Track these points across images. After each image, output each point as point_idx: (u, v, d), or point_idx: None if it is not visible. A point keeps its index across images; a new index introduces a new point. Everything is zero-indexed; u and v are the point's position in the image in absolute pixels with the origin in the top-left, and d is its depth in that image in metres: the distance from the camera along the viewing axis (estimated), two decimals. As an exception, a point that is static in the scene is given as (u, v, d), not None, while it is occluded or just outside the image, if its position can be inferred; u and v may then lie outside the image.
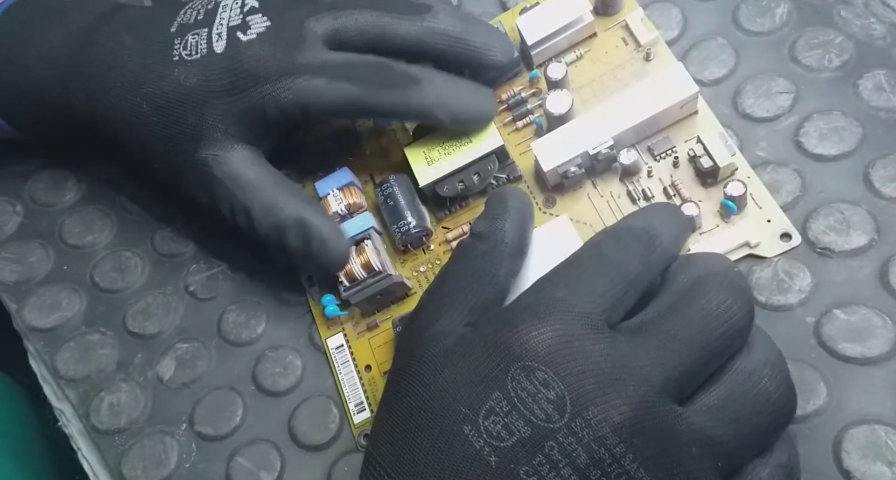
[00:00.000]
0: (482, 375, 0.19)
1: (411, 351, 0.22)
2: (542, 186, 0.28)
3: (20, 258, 0.34)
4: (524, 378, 0.19)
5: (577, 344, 0.19)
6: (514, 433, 0.18)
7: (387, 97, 0.26)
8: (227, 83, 0.27)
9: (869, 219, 0.25)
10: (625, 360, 0.19)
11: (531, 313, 0.20)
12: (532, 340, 0.19)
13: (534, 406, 0.18)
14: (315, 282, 0.30)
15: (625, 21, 0.29)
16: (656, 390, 0.19)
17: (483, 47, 0.27)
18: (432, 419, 0.19)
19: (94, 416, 0.30)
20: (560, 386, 0.18)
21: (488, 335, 0.20)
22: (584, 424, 0.18)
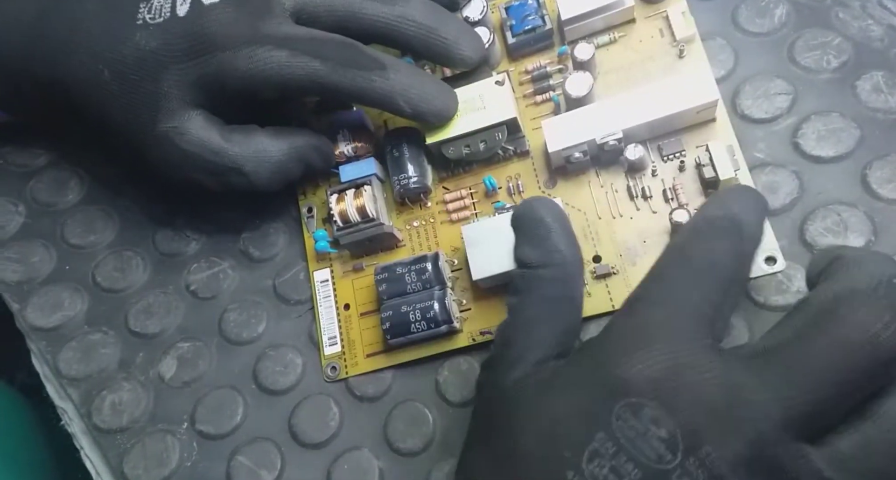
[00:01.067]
0: (583, 414, 0.18)
1: (501, 388, 0.20)
2: (547, 166, 0.28)
3: (22, 258, 0.34)
4: (631, 416, 0.17)
5: (686, 374, 0.17)
6: (623, 476, 0.17)
7: (350, 78, 0.26)
8: (186, 47, 0.26)
9: (866, 221, 0.25)
10: (741, 392, 0.17)
11: (631, 342, 0.18)
12: (637, 374, 0.17)
13: (643, 446, 0.17)
14: (314, 214, 0.31)
15: (666, 12, 0.29)
16: (777, 428, 0.17)
17: (453, 41, 0.27)
18: (532, 462, 0.18)
19: (96, 415, 0.30)
20: (671, 423, 0.17)
21: (586, 368, 0.19)
22: (698, 463, 0.17)
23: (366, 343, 0.29)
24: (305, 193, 0.32)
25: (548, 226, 0.22)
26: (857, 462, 0.17)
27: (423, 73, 0.27)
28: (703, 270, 0.19)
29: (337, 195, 0.29)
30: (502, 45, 0.30)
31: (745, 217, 0.20)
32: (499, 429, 0.19)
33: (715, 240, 0.20)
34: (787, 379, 0.17)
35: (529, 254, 0.22)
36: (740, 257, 0.20)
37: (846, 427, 0.17)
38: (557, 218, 0.22)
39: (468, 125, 0.28)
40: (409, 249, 0.29)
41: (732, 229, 0.20)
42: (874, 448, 0.17)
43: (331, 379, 0.29)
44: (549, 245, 0.21)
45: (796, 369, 0.17)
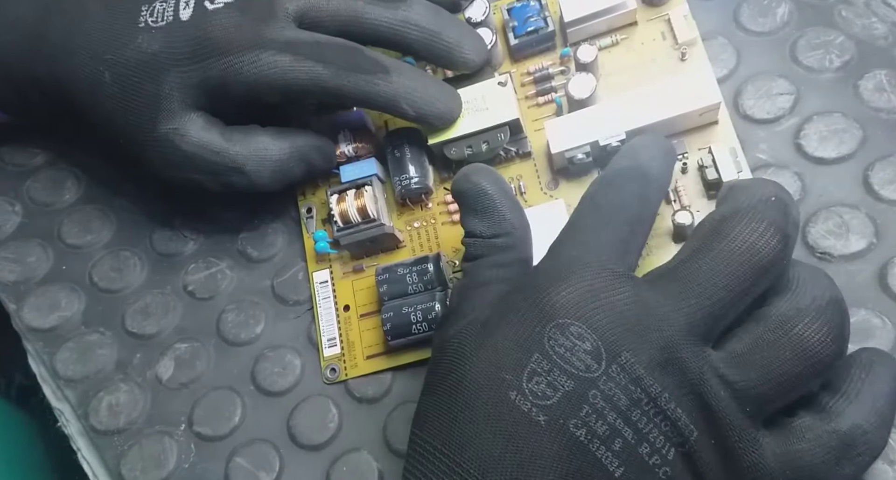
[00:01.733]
0: (520, 340, 0.20)
1: (449, 336, 0.22)
2: (550, 167, 0.28)
3: (19, 258, 0.34)
4: (560, 334, 0.19)
5: (602, 295, 0.20)
6: (558, 389, 0.19)
7: (353, 81, 0.26)
8: (189, 51, 0.26)
9: (868, 223, 0.25)
10: (649, 306, 0.19)
11: (554, 276, 0.20)
12: (561, 299, 0.19)
13: (573, 359, 0.19)
14: (313, 214, 0.31)
15: (668, 15, 0.29)
16: (682, 332, 0.19)
17: (455, 44, 0.27)
18: (478, 390, 0.20)
19: (93, 416, 0.30)
20: (593, 337, 0.19)
21: (520, 302, 0.20)
22: (619, 369, 0.19)
23: (366, 344, 0.29)
24: (305, 193, 0.32)
25: (491, 196, 0.23)
26: (749, 358, 0.19)
27: (427, 76, 0.27)
28: (611, 214, 0.21)
29: (337, 195, 0.29)
30: (504, 47, 0.30)
31: (650, 164, 0.22)
32: (447, 369, 0.21)
33: (621, 187, 0.22)
34: (685, 290, 0.20)
35: (478, 226, 0.23)
36: (645, 201, 0.22)
37: (740, 330, 0.20)
38: (499, 186, 0.23)
39: (470, 126, 0.28)
40: (409, 250, 0.29)
41: (638, 177, 0.22)
42: (762, 346, 0.19)
43: (330, 380, 0.29)
44: (497, 215, 0.23)
45: (692, 281, 0.20)
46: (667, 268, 0.21)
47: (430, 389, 0.22)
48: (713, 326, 0.20)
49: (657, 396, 0.19)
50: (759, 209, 0.20)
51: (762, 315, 0.20)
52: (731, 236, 0.20)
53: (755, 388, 0.19)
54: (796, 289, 0.20)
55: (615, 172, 0.22)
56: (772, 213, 0.20)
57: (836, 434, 0.19)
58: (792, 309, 0.20)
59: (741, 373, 0.19)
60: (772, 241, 0.19)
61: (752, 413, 0.19)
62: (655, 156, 0.23)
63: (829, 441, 0.19)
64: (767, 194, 0.20)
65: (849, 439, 0.19)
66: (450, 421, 0.20)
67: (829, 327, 0.19)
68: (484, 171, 0.24)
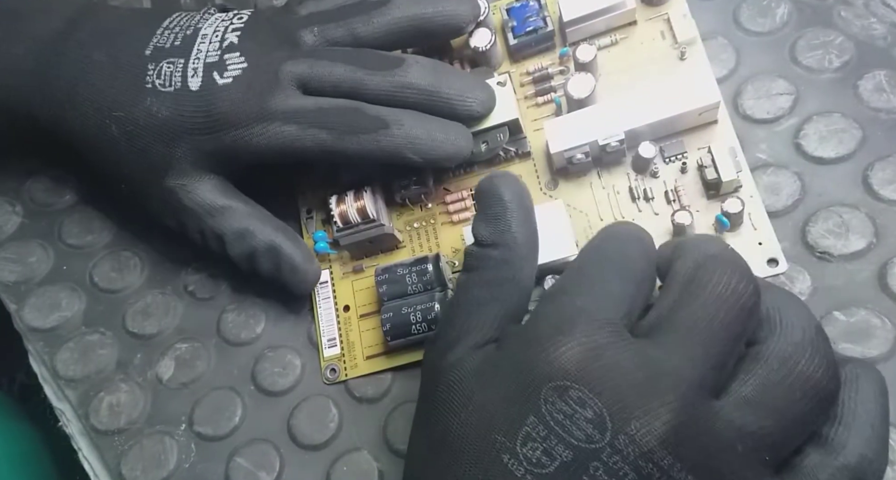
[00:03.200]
0: (514, 399, 0.19)
1: (438, 372, 0.21)
2: (549, 167, 0.28)
3: (20, 258, 0.34)
4: (558, 399, 0.18)
5: (607, 355, 0.18)
6: (555, 458, 0.18)
7: (356, 142, 0.26)
8: (200, 123, 0.27)
9: (867, 223, 0.25)
10: (657, 364, 0.18)
11: (554, 327, 0.19)
12: (560, 356, 0.18)
13: (572, 427, 0.18)
14: (313, 215, 0.31)
15: (667, 14, 0.28)
16: (693, 387, 0.18)
17: (456, 97, 0.27)
18: (467, 447, 0.19)
19: (94, 416, 0.30)
20: (597, 404, 0.18)
21: (514, 355, 0.19)
22: (627, 440, 0.17)
23: (365, 345, 0.29)
24: (305, 194, 0.32)
25: (504, 204, 0.22)
26: (760, 402, 0.18)
27: (430, 120, 0.27)
28: (618, 267, 0.20)
29: (337, 196, 0.29)
30: (503, 47, 0.30)
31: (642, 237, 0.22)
32: (435, 413, 0.20)
33: (629, 243, 0.21)
34: (687, 340, 0.19)
35: (482, 231, 0.22)
36: (649, 261, 0.21)
37: (742, 374, 0.19)
38: (517, 196, 0.22)
39: (470, 126, 0.28)
40: (409, 250, 0.29)
41: (639, 240, 0.21)
42: (771, 387, 0.18)
43: (330, 381, 0.29)
44: (502, 224, 0.22)
45: (691, 329, 0.19)
46: (658, 318, 0.20)
47: (419, 425, 0.21)
48: (719, 376, 0.19)
49: (669, 468, 0.17)
50: (727, 256, 0.20)
51: (758, 355, 0.19)
52: (713, 282, 0.19)
53: (772, 435, 0.18)
54: (782, 323, 0.19)
55: (616, 230, 0.22)
56: (737, 259, 0.20)
57: (846, 469, 0.19)
58: (789, 346, 0.19)
59: (756, 420, 0.18)
60: (749, 285, 0.19)
61: (770, 462, 0.18)
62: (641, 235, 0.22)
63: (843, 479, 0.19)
64: (724, 244, 0.21)
65: (859, 472, 0.19)
66: (437, 470, 0.19)
67: (827, 358, 0.19)
68: (509, 178, 0.23)
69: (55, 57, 0.29)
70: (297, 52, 0.28)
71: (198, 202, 0.28)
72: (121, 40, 0.29)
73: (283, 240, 0.28)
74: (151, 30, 0.29)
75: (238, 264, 0.29)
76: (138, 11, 0.32)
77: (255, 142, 0.27)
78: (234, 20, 0.29)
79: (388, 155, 0.27)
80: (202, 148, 0.28)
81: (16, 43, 0.30)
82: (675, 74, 0.28)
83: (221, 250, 0.29)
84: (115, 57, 0.28)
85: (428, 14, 0.28)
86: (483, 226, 0.22)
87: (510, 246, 0.22)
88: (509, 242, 0.22)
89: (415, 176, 0.29)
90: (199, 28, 0.28)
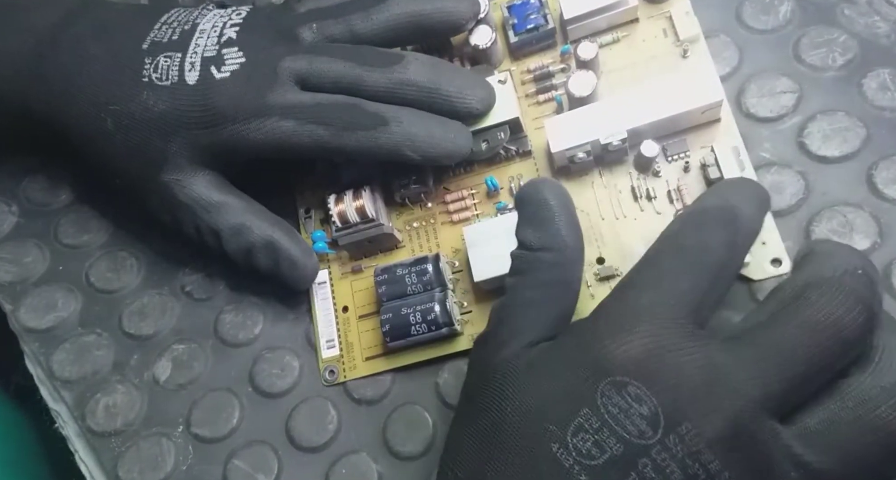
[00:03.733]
0: (569, 391, 0.18)
1: (491, 365, 0.21)
2: (550, 166, 0.28)
3: (15, 258, 0.34)
4: (615, 393, 0.18)
5: (668, 355, 0.18)
6: (605, 450, 0.18)
7: (354, 139, 0.26)
8: (197, 117, 0.27)
9: (872, 222, 0.24)
10: (720, 372, 0.18)
11: (617, 324, 0.19)
12: (622, 354, 0.18)
13: (626, 422, 0.18)
14: (311, 215, 0.31)
15: (669, 12, 0.28)
16: (754, 405, 0.18)
17: (456, 95, 0.27)
18: (518, 436, 0.19)
19: (90, 418, 0.30)
20: (653, 401, 0.18)
21: (573, 348, 0.19)
22: (677, 440, 0.17)
23: (364, 346, 0.28)
24: (303, 193, 0.31)
25: (551, 208, 0.22)
26: (823, 437, 0.18)
27: (429, 118, 0.27)
28: (694, 259, 0.20)
29: (336, 195, 0.29)
30: (504, 45, 0.30)
31: (743, 208, 0.20)
32: (486, 406, 0.20)
33: (709, 230, 0.20)
34: (763, 359, 0.18)
35: (530, 237, 0.22)
36: (733, 248, 0.20)
37: (815, 406, 0.18)
38: (562, 201, 0.22)
39: (470, 124, 0.27)
40: (408, 250, 0.29)
41: (728, 220, 0.20)
42: (839, 424, 0.18)
43: (329, 382, 0.28)
44: (552, 229, 0.21)
45: (770, 349, 0.18)
46: (742, 330, 0.19)
47: (464, 420, 0.21)
48: (788, 400, 0.18)
49: (717, 473, 0.17)
50: (846, 281, 0.18)
51: (840, 390, 0.18)
52: (816, 306, 0.18)
53: (830, 472, 0.18)
54: (879, 363, 0.18)
55: (703, 211, 0.21)
56: (860, 288, 0.18)
57: None
58: (875, 388, 0.18)
59: (815, 454, 0.18)
60: (859, 318, 0.18)
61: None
62: (749, 200, 0.21)
63: None
64: (854, 265, 0.19)
65: None
66: (483, 462, 0.19)
67: None
68: (551, 183, 0.22)
69: (51, 50, 0.29)
70: (296, 47, 0.28)
71: (193, 197, 0.28)
72: (118, 34, 0.29)
73: (280, 235, 0.28)
74: (149, 24, 0.29)
75: (235, 260, 0.29)
76: (136, 7, 0.32)
77: (252, 137, 0.27)
78: (233, 16, 0.28)
79: (387, 152, 0.26)
80: (198, 142, 0.27)
81: (12, 35, 0.30)
82: (677, 72, 0.27)
83: (218, 246, 0.29)
84: (112, 51, 0.28)
85: (427, 11, 0.27)
86: (530, 231, 0.22)
87: (561, 250, 0.21)
88: (560, 246, 0.21)
89: (414, 175, 0.29)
90: (197, 23, 0.28)
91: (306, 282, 0.29)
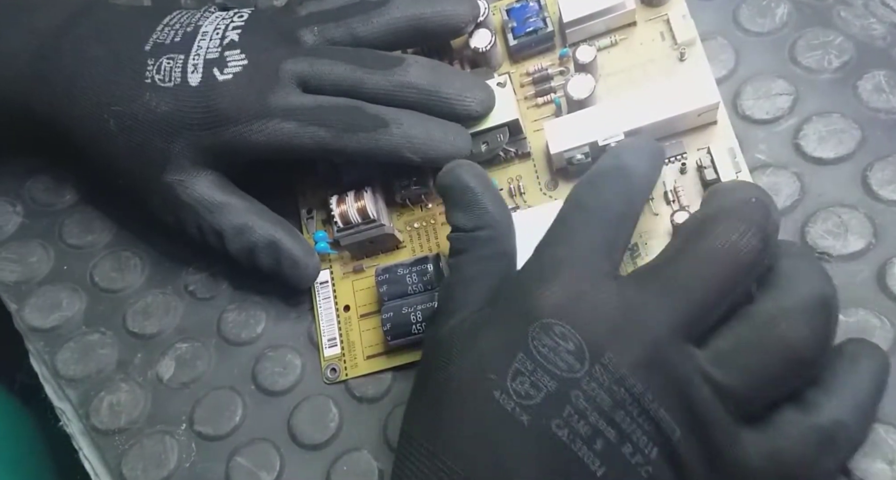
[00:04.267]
0: (505, 341, 0.20)
1: (438, 336, 0.22)
2: (549, 167, 0.28)
3: (20, 258, 0.34)
4: (544, 334, 0.19)
5: (587, 296, 0.20)
6: (541, 389, 0.19)
7: (355, 141, 0.27)
8: (199, 118, 0.27)
9: (867, 223, 0.25)
10: (633, 306, 0.20)
11: (540, 276, 0.21)
12: (546, 300, 0.20)
13: (556, 359, 0.19)
14: (314, 215, 0.31)
15: (667, 15, 0.29)
16: (666, 331, 0.19)
17: (456, 98, 0.27)
18: (462, 389, 0.20)
19: (94, 416, 0.30)
20: (577, 337, 0.19)
21: (504, 304, 0.21)
22: (602, 369, 0.19)
23: (366, 344, 0.29)
24: (305, 194, 0.32)
25: (473, 190, 0.23)
26: (731, 356, 0.20)
27: (429, 120, 0.27)
28: (595, 213, 0.22)
29: (337, 196, 0.29)
30: (503, 47, 0.30)
31: (634, 164, 0.22)
32: (434, 368, 0.21)
33: (605, 187, 0.22)
34: (670, 289, 0.20)
35: (462, 220, 0.23)
36: (629, 201, 0.22)
37: (725, 329, 0.20)
38: (481, 180, 0.24)
39: (469, 126, 0.28)
40: (409, 250, 0.29)
41: (621, 177, 0.22)
42: (747, 344, 0.20)
43: (330, 380, 0.29)
44: (479, 209, 0.23)
45: (676, 280, 0.20)
46: (651, 267, 0.21)
47: (418, 387, 0.22)
48: (697, 325, 0.20)
49: (640, 396, 0.19)
50: (740, 209, 0.20)
51: (747, 313, 0.20)
52: (712, 235, 0.20)
53: (738, 388, 0.19)
54: (783, 287, 0.20)
55: (598, 172, 0.23)
56: (753, 214, 0.20)
57: (816, 429, 0.20)
58: (776, 309, 0.20)
59: (725, 373, 0.19)
60: (752, 241, 0.20)
61: (735, 412, 0.19)
62: (640, 156, 0.23)
63: (810, 437, 0.20)
64: (748, 196, 0.21)
65: (829, 433, 0.20)
66: (435, 419, 0.20)
67: (813, 327, 0.20)
68: (466, 166, 0.24)
69: (54, 51, 0.29)
70: (297, 50, 0.28)
71: (196, 198, 0.28)
72: (121, 36, 0.29)
73: (282, 235, 0.29)
74: (152, 26, 0.29)
75: (238, 260, 0.29)
76: (139, 9, 0.32)
77: (253, 139, 0.27)
78: (235, 18, 0.29)
79: (387, 154, 0.27)
80: (201, 143, 0.28)
81: (15, 36, 0.30)
82: (674, 75, 0.28)
83: (220, 246, 0.29)
84: (115, 52, 0.28)
85: (427, 14, 0.28)
86: (460, 215, 0.24)
87: (492, 226, 0.23)
88: (491, 222, 0.23)
89: (415, 176, 0.29)
90: (199, 25, 0.28)
91: (308, 282, 0.29)
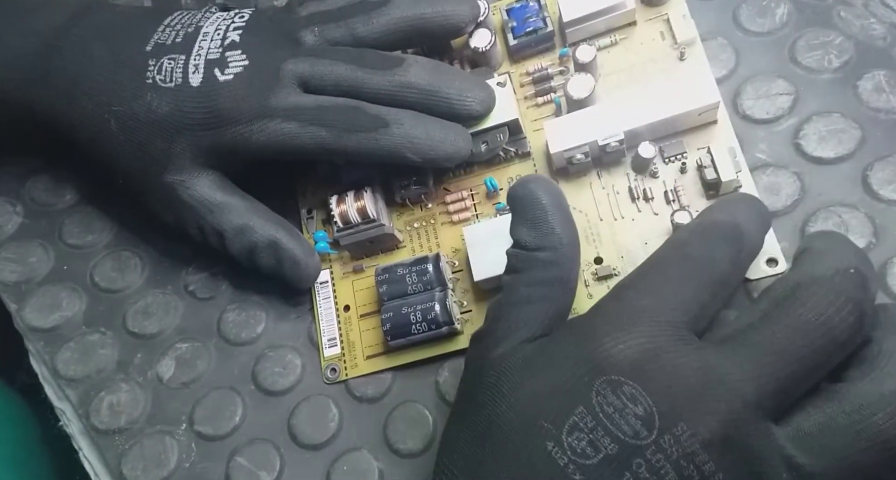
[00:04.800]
0: (565, 388, 0.18)
1: (487, 362, 0.21)
2: (549, 167, 0.28)
3: (20, 258, 0.34)
4: (610, 392, 0.18)
5: (665, 356, 0.18)
6: (600, 450, 0.18)
7: (355, 141, 0.26)
8: (200, 119, 0.27)
9: (867, 223, 0.25)
10: (715, 373, 0.18)
11: (614, 324, 0.19)
12: (618, 353, 0.18)
13: (620, 421, 0.18)
14: (314, 215, 0.31)
15: (667, 15, 0.29)
16: (749, 406, 0.18)
17: (456, 97, 0.27)
18: (513, 433, 0.19)
19: (94, 416, 0.30)
20: (648, 402, 0.18)
21: (570, 346, 0.19)
22: (672, 440, 0.17)
23: (366, 344, 0.29)
24: (305, 194, 0.32)
25: (544, 207, 0.22)
26: (818, 439, 0.18)
27: (429, 120, 0.27)
28: (698, 269, 0.20)
29: (337, 196, 0.29)
30: (503, 47, 0.30)
31: (748, 227, 0.21)
32: (482, 403, 0.20)
33: (715, 244, 0.20)
34: (755, 359, 0.18)
35: (525, 236, 0.22)
36: (736, 264, 0.21)
37: (811, 408, 0.19)
38: (554, 198, 0.22)
39: (470, 126, 0.28)
40: (409, 250, 0.29)
41: (734, 237, 0.21)
42: (834, 428, 0.18)
43: (330, 380, 0.29)
44: (546, 227, 0.21)
45: (763, 350, 0.18)
46: (734, 331, 0.19)
47: (460, 417, 0.21)
48: (782, 401, 0.18)
49: (710, 475, 0.17)
50: (838, 281, 0.19)
51: (838, 393, 0.18)
52: (806, 306, 0.18)
53: (822, 475, 0.18)
54: (883, 369, 0.18)
55: (712, 225, 0.21)
56: (850, 287, 0.19)
57: None
58: (874, 394, 0.18)
59: (809, 457, 0.18)
60: (849, 318, 0.18)
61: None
62: (754, 218, 0.21)
63: None
64: (847, 264, 0.19)
65: None
66: (479, 460, 0.19)
67: None
68: (542, 180, 0.22)
69: (56, 51, 0.29)
70: (298, 50, 0.28)
71: (196, 198, 0.28)
72: (122, 36, 0.29)
73: (283, 235, 0.29)
74: (153, 27, 0.29)
75: (238, 260, 0.29)
76: (140, 9, 0.32)
77: (254, 139, 0.27)
78: (236, 19, 0.29)
79: (387, 154, 0.27)
80: (201, 144, 0.28)
81: (16, 37, 0.30)
82: (674, 75, 0.28)
83: (221, 246, 0.29)
84: (116, 52, 0.29)
85: (427, 14, 0.28)
86: (524, 230, 0.22)
87: (556, 248, 0.21)
88: (555, 244, 0.21)
89: (415, 176, 0.29)
90: (200, 26, 0.28)
91: (309, 282, 0.29)
